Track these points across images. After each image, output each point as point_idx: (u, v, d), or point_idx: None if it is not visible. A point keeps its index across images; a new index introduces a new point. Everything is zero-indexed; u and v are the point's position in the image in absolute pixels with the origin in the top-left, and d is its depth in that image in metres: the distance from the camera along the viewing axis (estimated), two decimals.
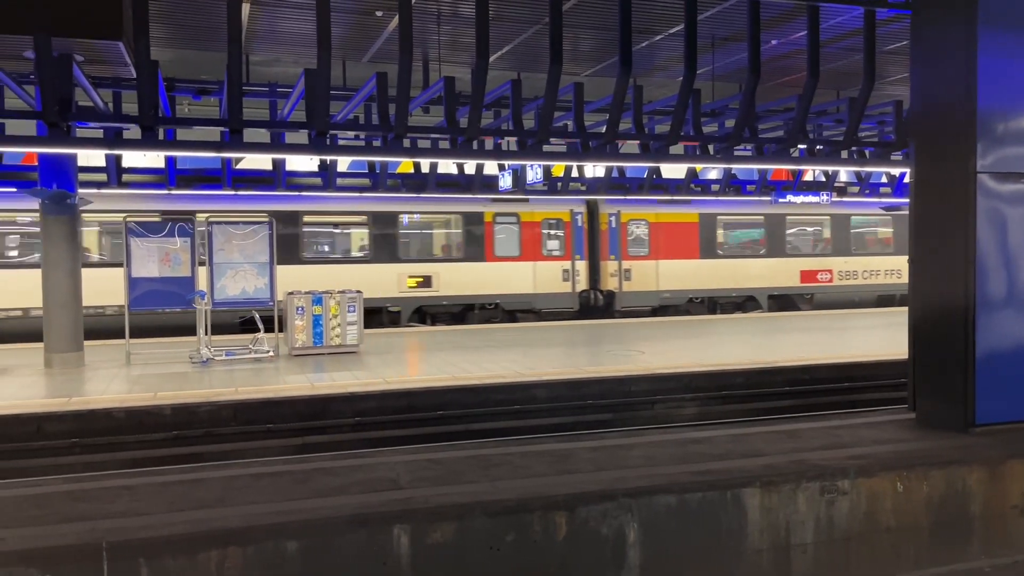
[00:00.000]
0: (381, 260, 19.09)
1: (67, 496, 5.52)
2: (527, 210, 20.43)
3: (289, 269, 17.42)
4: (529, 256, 20.34)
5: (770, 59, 16.18)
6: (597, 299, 21.04)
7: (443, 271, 19.61)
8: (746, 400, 11.45)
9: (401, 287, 19.17)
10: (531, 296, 20.22)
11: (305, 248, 18.71)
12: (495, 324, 19.18)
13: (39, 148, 12.15)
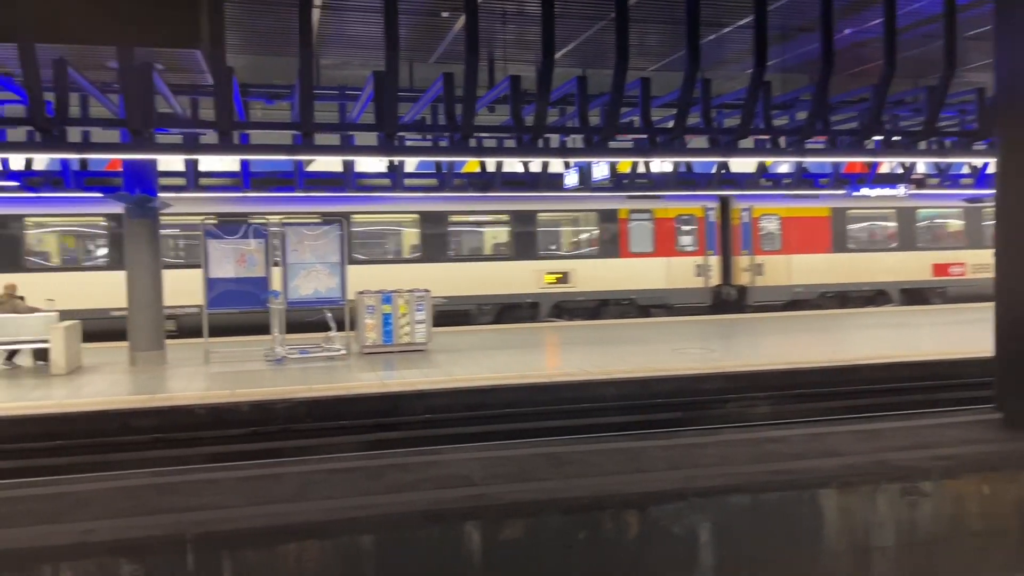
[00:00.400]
0: (520, 257, 19.67)
1: (153, 489, 5.73)
2: (661, 206, 20.79)
3: (437, 267, 18.73)
4: (663, 252, 20.69)
5: (844, 49, 15.74)
6: (730, 294, 21.32)
7: (579, 267, 20.02)
8: (822, 399, 11.17)
9: (539, 283, 19.70)
10: (665, 292, 20.60)
11: (450, 246, 19.42)
12: (568, 322, 19.14)
13: (124, 155, 12.63)
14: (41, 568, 4.59)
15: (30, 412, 9.49)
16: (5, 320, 12.55)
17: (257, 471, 6.31)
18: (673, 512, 4.99)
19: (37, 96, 10.45)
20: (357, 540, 4.86)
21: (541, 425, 10.15)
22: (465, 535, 4.96)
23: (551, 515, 5.01)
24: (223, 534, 4.82)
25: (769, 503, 5.08)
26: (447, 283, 18.65)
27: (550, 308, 19.79)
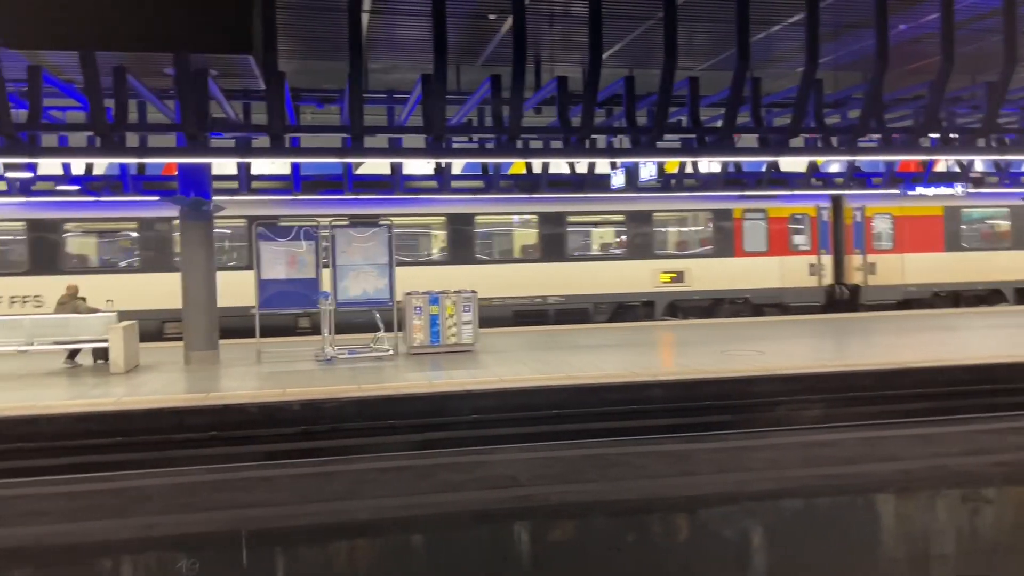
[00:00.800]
0: (637, 256, 20.02)
1: (210, 486, 5.88)
2: (775, 206, 20.94)
3: (555, 267, 19.27)
4: (777, 251, 20.82)
5: (898, 45, 15.40)
6: (843, 293, 21.32)
7: (694, 267, 20.30)
8: (875, 402, 10.96)
9: (655, 282, 20.02)
10: (779, 291, 20.74)
11: (567, 246, 19.79)
12: (615, 324, 19.08)
13: (180, 159, 12.94)
14: (106, 561, 4.74)
15: (91, 409, 9.78)
16: (67, 320, 12.95)
17: (309, 469, 6.43)
18: (722, 516, 4.96)
19: (97, 102, 10.78)
20: (407, 539, 4.93)
21: (587, 427, 10.13)
22: (513, 535, 4.99)
23: (598, 517, 5.02)
24: (277, 531, 4.92)
25: (822, 508, 5.01)
26: (565, 282, 19.38)
27: (665, 307, 20.12)
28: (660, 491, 5.15)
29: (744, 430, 9.37)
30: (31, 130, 11.41)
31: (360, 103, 11.68)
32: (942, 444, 6.03)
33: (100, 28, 10.27)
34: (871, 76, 12.76)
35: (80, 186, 18.35)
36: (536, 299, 16.66)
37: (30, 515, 5.40)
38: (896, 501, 5.04)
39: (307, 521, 5.02)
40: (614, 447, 6.76)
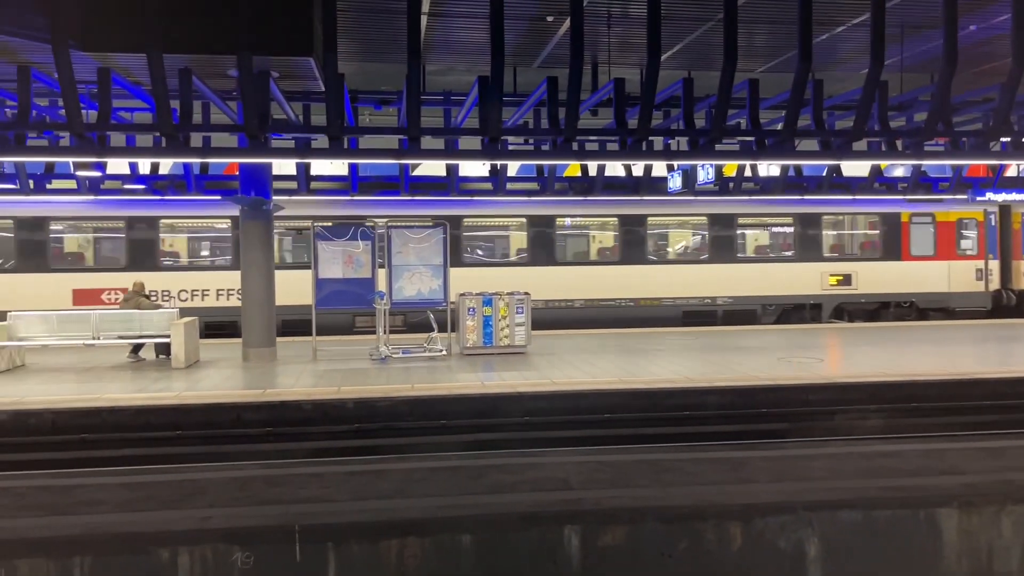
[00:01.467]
0: (806, 259, 20.26)
1: (264, 481, 5.96)
2: (942, 210, 20.97)
3: (725, 268, 19.67)
4: (944, 255, 20.87)
5: (968, 46, 14.94)
6: (1009, 298, 21.27)
7: (862, 270, 20.43)
8: (939, 413, 10.62)
9: (824, 285, 20.24)
10: (945, 295, 20.77)
11: (737, 248, 20.22)
12: (668, 328, 18.88)
13: (242, 159, 13.21)
14: (162, 552, 4.84)
15: (152, 403, 10.04)
16: (131, 315, 13.32)
17: (361, 466, 6.48)
18: (778, 525, 4.84)
19: (164, 104, 11.06)
20: (457, 539, 4.92)
21: (640, 431, 10.04)
22: (563, 539, 4.95)
23: (649, 523, 4.95)
24: (328, 527, 4.97)
25: (882, 521, 4.86)
26: (734, 284, 19.75)
27: (832, 309, 20.26)
28: (714, 498, 5.06)
29: (801, 439, 9.17)
30: (100, 130, 11.76)
31: (417, 105, 11.77)
32: (1011, 458, 5.81)
33: (168, 32, 10.56)
34: (939, 78, 12.38)
35: (145, 185, 18.87)
36: (706, 300, 16.94)
37: (89, 504, 5.55)
38: (960, 516, 4.86)
39: (357, 518, 5.05)
40: (667, 453, 6.67)
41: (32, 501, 5.64)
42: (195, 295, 17.91)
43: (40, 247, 17.75)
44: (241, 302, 13.85)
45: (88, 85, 13.69)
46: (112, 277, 17.68)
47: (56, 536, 4.97)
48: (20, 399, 10.29)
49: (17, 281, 17.54)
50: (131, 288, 14.10)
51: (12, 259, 17.65)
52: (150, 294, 14.46)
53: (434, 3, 13.15)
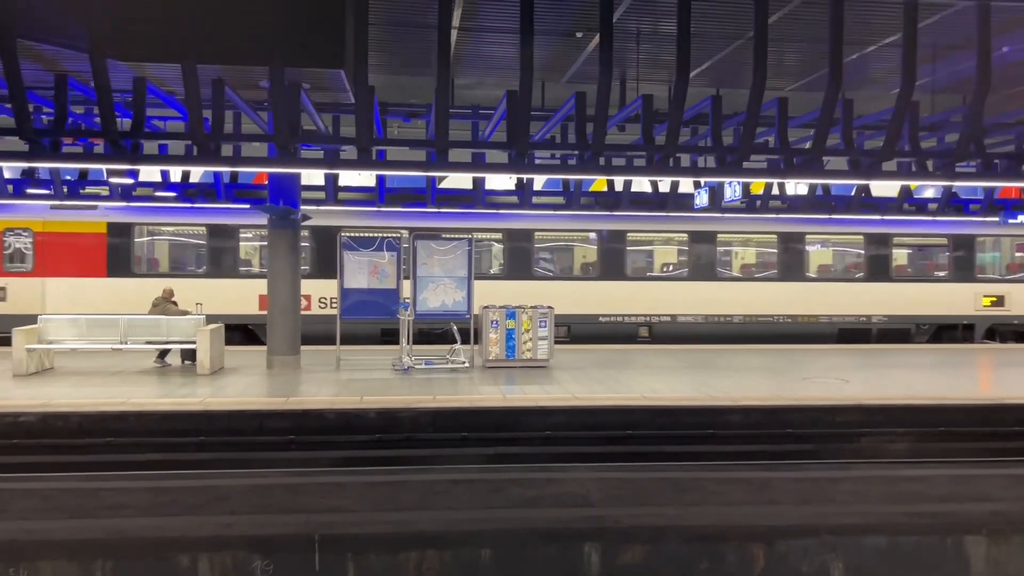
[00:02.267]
0: (959, 279, 20.51)
1: (286, 489, 5.99)
2: None
3: (878, 287, 20.00)
4: None
5: (1001, 68, 14.77)
6: None
7: (1015, 291, 20.59)
8: (968, 438, 10.44)
9: (977, 305, 20.42)
10: None
11: (892, 267, 20.44)
12: (693, 346, 18.76)
13: (271, 168, 13.35)
14: (183, 557, 4.88)
15: (177, 408, 10.13)
16: (158, 321, 13.48)
17: (382, 477, 6.50)
18: (802, 549, 4.78)
19: (196, 113, 11.22)
20: (476, 553, 4.91)
21: (662, 449, 9.95)
22: (582, 556, 4.92)
23: (670, 542, 4.91)
24: (348, 537, 4.98)
25: (908, 546, 4.78)
26: (889, 302, 19.95)
27: (984, 330, 20.33)
28: (736, 519, 5.00)
29: (827, 460, 9.05)
30: (134, 138, 11.94)
31: (446, 118, 11.84)
32: None
33: (202, 43, 10.73)
34: (971, 99, 12.25)
35: (177, 192, 19.12)
36: (861, 318, 16.69)
37: (114, 507, 5.60)
38: (989, 544, 4.77)
39: (377, 529, 5.06)
40: (689, 471, 6.62)
41: (58, 503, 5.71)
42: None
43: (232, 253, 18.36)
44: (267, 310, 13.95)
45: (123, 94, 13.93)
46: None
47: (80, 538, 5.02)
48: (48, 401, 10.43)
49: (211, 286, 18.04)
50: (161, 294, 14.26)
51: (206, 264, 18.21)
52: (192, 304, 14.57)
53: (464, 18, 13.25)
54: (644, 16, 13.18)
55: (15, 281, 17.36)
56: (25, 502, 5.92)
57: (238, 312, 17.93)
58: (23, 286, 17.38)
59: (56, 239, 17.51)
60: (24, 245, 17.43)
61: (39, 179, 18.77)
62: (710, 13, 12.79)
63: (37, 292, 17.42)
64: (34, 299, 17.37)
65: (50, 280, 17.51)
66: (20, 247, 17.47)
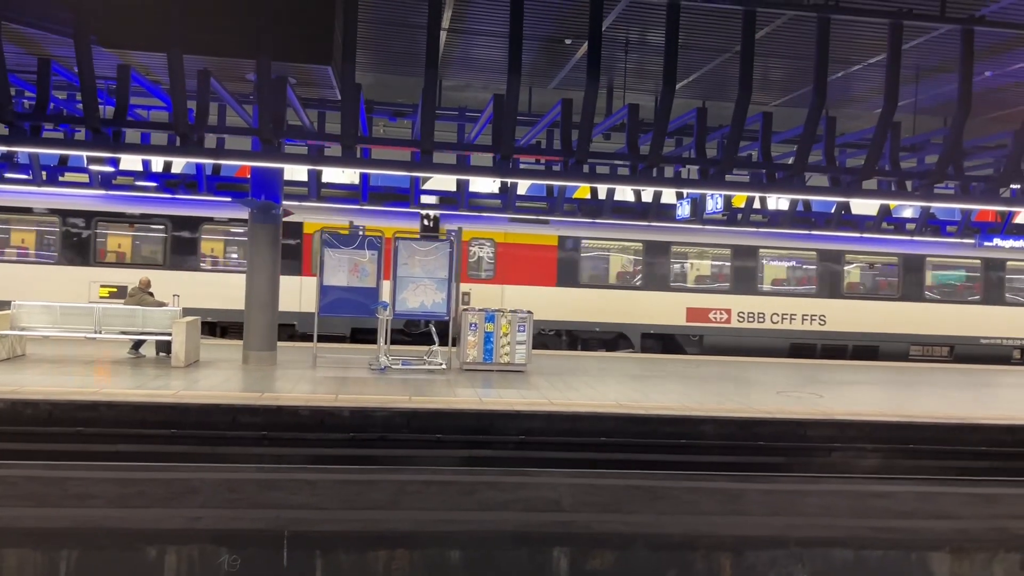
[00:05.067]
0: None
1: (257, 484, 5.96)
2: None
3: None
4: None
5: (983, 91, 15.01)
6: None
7: None
8: (935, 456, 10.56)
9: None
10: None
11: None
12: (668, 356, 18.85)
13: (254, 162, 13.26)
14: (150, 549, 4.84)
15: (150, 400, 10.04)
16: (134, 311, 13.35)
17: (354, 476, 6.47)
18: (769, 560, 4.82)
19: (181, 103, 11.14)
20: (446, 554, 4.91)
21: (635, 457, 9.99)
22: (552, 560, 4.94)
23: (640, 549, 4.93)
24: (318, 534, 4.96)
25: (872, 561, 4.84)
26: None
27: None
28: (706, 528, 5.04)
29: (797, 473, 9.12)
30: (116, 126, 11.83)
31: (432, 119, 11.84)
32: (1005, 505, 5.78)
33: (189, 33, 10.66)
34: (952, 121, 12.43)
35: (157, 183, 18.96)
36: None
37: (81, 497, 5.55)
38: (951, 561, 4.83)
39: (348, 527, 5.04)
40: (661, 480, 6.65)
41: (24, 491, 5.64)
42: None
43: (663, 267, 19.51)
44: (244, 305, 13.86)
45: (107, 81, 13.80)
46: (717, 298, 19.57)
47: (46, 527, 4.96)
48: (18, 388, 10.30)
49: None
50: (137, 284, 14.13)
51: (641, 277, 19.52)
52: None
53: (454, 20, 13.26)
54: (633, 26, 13.27)
55: (477, 287, 18.69)
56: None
57: (664, 322, 19.31)
58: (484, 293, 18.66)
59: (514, 250, 18.94)
60: (487, 255, 18.85)
61: (17, 163, 18.55)
62: (698, 26, 12.90)
63: (496, 298, 18.58)
64: (494, 305, 18.32)
65: (508, 287, 18.80)
66: (483, 256, 18.86)
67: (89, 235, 17.63)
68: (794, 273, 20.38)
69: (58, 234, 17.57)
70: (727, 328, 19.63)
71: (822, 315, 19.95)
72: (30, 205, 17.62)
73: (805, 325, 19.93)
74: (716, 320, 19.56)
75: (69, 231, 17.60)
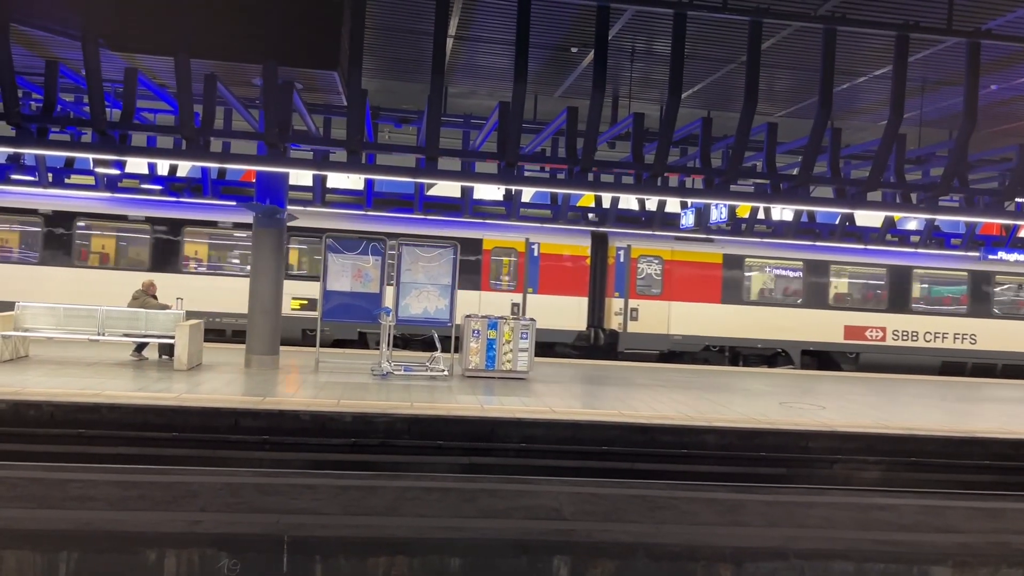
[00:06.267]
0: None
1: (257, 488, 5.94)
2: None
3: None
4: None
5: (988, 105, 15.01)
6: None
7: None
8: (939, 470, 10.53)
9: None
10: None
11: None
12: (672, 364, 18.84)
13: (260, 166, 13.32)
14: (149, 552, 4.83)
15: (152, 403, 10.04)
16: (137, 314, 13.37)
17: (355, 481, 6.46)
18: (769, 571, 4.80)
19: (188, 107, 11.18)
20: (445, 561, 4.90)
21: (636, 466, 9.98)
22: (552, 569, 4.92)
23: (639, 559, 4.92)
24: (318, 540, 4.95)
25: (874, 574, 4.82)
26: None
27: None
28: (706, 539, 5.02)
29: (798, 485, 9.10)
30: (123, 129, 11.88)
31: (438, 125, 11.87)
32: (1009, 520, 5.75)
33: (197, 37, 10.70)
34: (957, 134, 12.43)
35: (163, 186, 19.01)
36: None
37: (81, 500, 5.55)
38: (952, 575, 4.81)
39: (347, 533, 5.03)
40: (662, 490, 6.63)
41: (25, 492, 5.64)
42: None
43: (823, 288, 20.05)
44: (248, 309, 13.87)
45: (113, 84, 13.85)
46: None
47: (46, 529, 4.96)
48: (21, 389, 10.32)
49: None
50: (141, 287, 14.16)
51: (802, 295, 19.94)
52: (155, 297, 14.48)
53: (461, 27, 13.30)
54: (639, 35, 13.30)
55: (645, 304, 19.11)
56: None
57: (823, 340, 19.64)
58: (652, 309, 19.16)
59: (680, 267, 19.45)
60: (655, 271, 19.32)
61: (24, 165, 18.62)
62: (705, 36, 12.92)
63: (664, 314, 19.08)
64: (661, 320, 19.14)
65: (674, 304, 19.24)
66: (651, 273, 19.34)
67: None
68: (946, 293, 20.63)
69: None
70: (882, 346, 19.88)
71: (973, 334, 20.13)
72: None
73: (956, 344, 20.13)
74: (872, 338, 19.84)
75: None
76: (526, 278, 18.67)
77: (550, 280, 19.04)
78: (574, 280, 19.21)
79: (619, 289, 19.21)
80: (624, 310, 18.95)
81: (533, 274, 18.93)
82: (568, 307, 19.07)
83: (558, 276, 19.09)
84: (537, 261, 19.00)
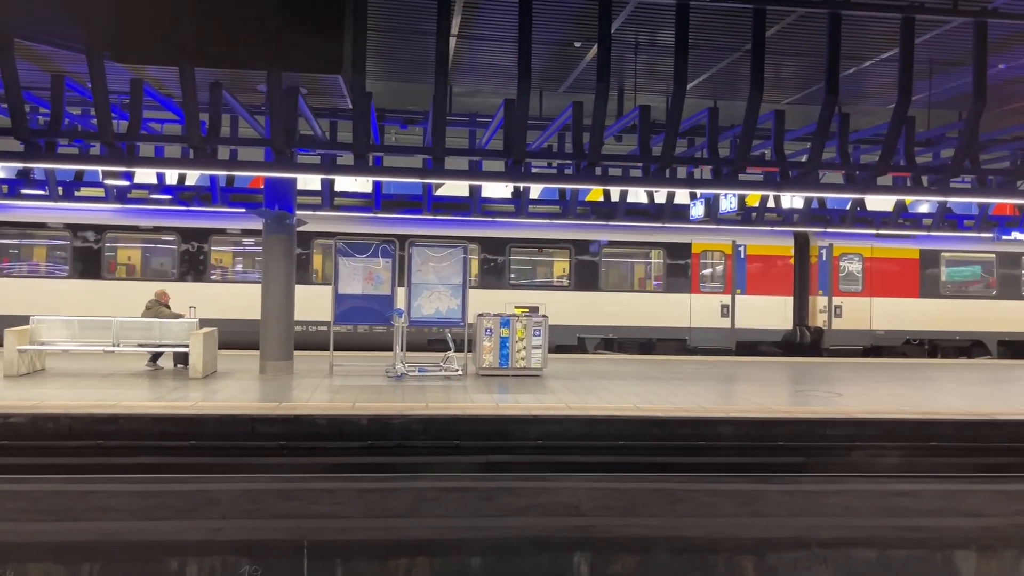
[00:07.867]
0: None
1: (276, 494, 5.97)
2: None
3: None
4: None
5: (997, 84, 14.87)
6: None
7: None
8: (959, 454, 10.45)
9: None
10: None
11: None
12: (680, 356, 18.79)
13: (267, 172, 13.35)
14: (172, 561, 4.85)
15: (168, 412, 10.09)
16: (151, 324, 13.44)
17: (373, 484, 6.47)
18: (791, 561, 4.77)
19: (194, 116, 11.22)
20: (466, 561, 4.90)
21: (654, 460, 9.94)
22: (572, 566, 4.91)
23: (660, 553, 4.90)
24: (338, 543, 4.96)
25: (897, 560, 4.78)
26: None
27: None
28: (727, 530, 5.00)
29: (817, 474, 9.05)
30: (130, 140, 11.93)
31: (443, 125, 11.86)
32: None
33: (200, 46, 10.73)
34: (967, 115, 12.32)
35: (172, 195, 19.09)
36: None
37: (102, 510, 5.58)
38: (978, 559, 4.77)
39: (368, 536, 5.04)
40: (681, 483, 6.61)
41: (47, 505, 5.67)
42: None
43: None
44: (261, 315, 13.91)
45: (120, 95, 13.91)
46: None
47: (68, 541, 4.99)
48: (39, 403, 10.38)
49: None
50: (154, 296, 14.22)
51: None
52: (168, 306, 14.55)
53: (463, 26, 13.28)
54: (642, 27, 13.24)
55: (848, 300, 19.91)
56: (14, 504, 5.88)
57: (1018, 330, 20.16)
58: (854, 305, 19.94)
59: (879, 263, 20.23)
60: (856, 269, 20.13)
61: (34, 179, 18.74)
62: (708, 25, 12.85)
63: (866, 310, 19.83)
64: (863, 316, 19.87)
65: (876, 300, 19.93)
66: (852, 270, 20.12)
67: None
68: None
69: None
70: None
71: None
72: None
73: None
74: None
75: None
76: (734, 279, 19.29)
77: (757, 281, 19.57)
78: (780, 280, 19.76)
79: (823, 287, 19.75)
80: (828, 307, 19.54)
81: (740, 275, 19.50)
82: (775, 307, 19.65)
83: (764, 276, 19.66)
84: (744, 263, 19.56)
